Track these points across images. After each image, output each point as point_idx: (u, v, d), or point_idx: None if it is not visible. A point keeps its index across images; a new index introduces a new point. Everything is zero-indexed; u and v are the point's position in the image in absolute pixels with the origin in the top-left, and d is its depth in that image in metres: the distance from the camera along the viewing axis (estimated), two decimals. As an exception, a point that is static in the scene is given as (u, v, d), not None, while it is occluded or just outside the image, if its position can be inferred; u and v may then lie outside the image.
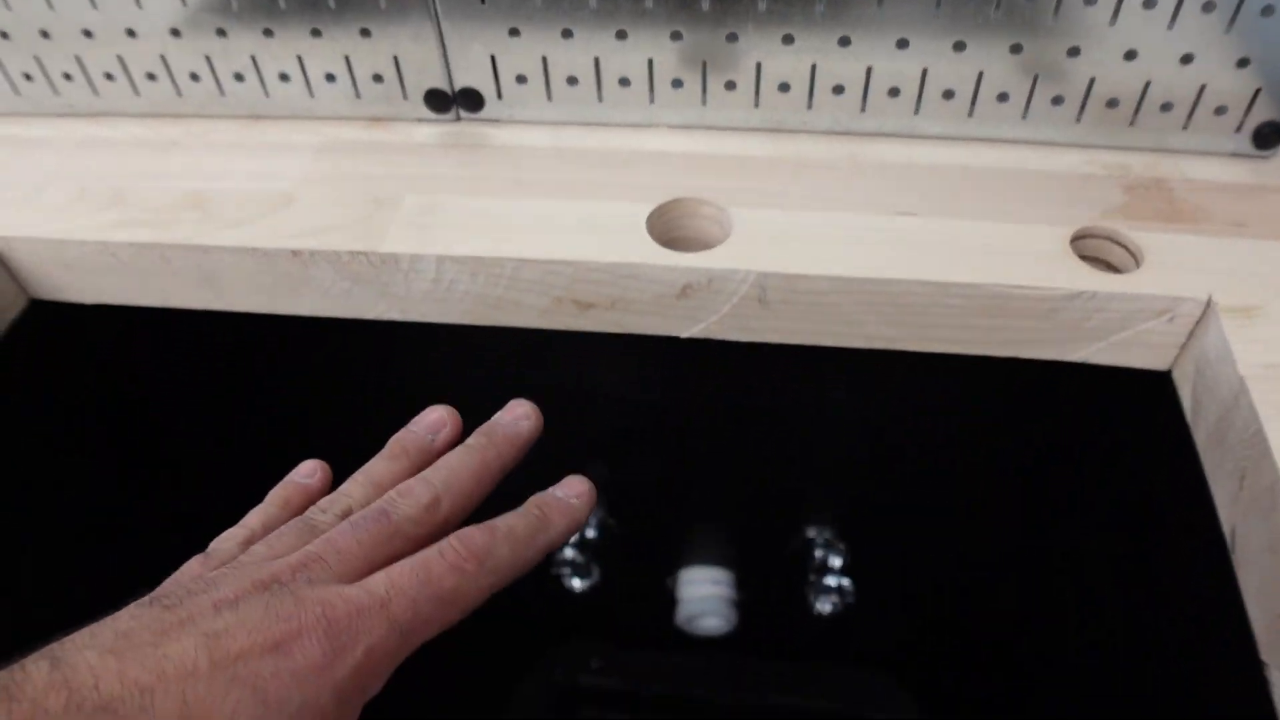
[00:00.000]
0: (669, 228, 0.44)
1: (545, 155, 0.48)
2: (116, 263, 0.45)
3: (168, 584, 0.27)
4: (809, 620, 0.76)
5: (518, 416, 0.36)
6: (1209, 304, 0.40)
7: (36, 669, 0.22)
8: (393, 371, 0.56)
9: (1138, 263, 0.42)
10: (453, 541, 0.28)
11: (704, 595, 0.73)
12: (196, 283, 0.46)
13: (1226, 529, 0.38)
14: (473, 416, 0.60)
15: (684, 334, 0.43)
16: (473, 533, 0.28)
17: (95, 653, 0.23)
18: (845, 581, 0.64)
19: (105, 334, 0.53)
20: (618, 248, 0.41)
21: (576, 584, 0.70)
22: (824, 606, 0.67)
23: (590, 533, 0.68)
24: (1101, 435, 0.53)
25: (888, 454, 0.58)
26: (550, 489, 0.34)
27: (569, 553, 0.66)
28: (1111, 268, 0.42)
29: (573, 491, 0.32)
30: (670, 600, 0.77)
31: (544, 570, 0.69)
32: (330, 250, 0.42)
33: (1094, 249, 0.43)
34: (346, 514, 0.30)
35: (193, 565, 0.30)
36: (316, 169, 0.47)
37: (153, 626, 0.24)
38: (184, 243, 0.44)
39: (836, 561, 0.64)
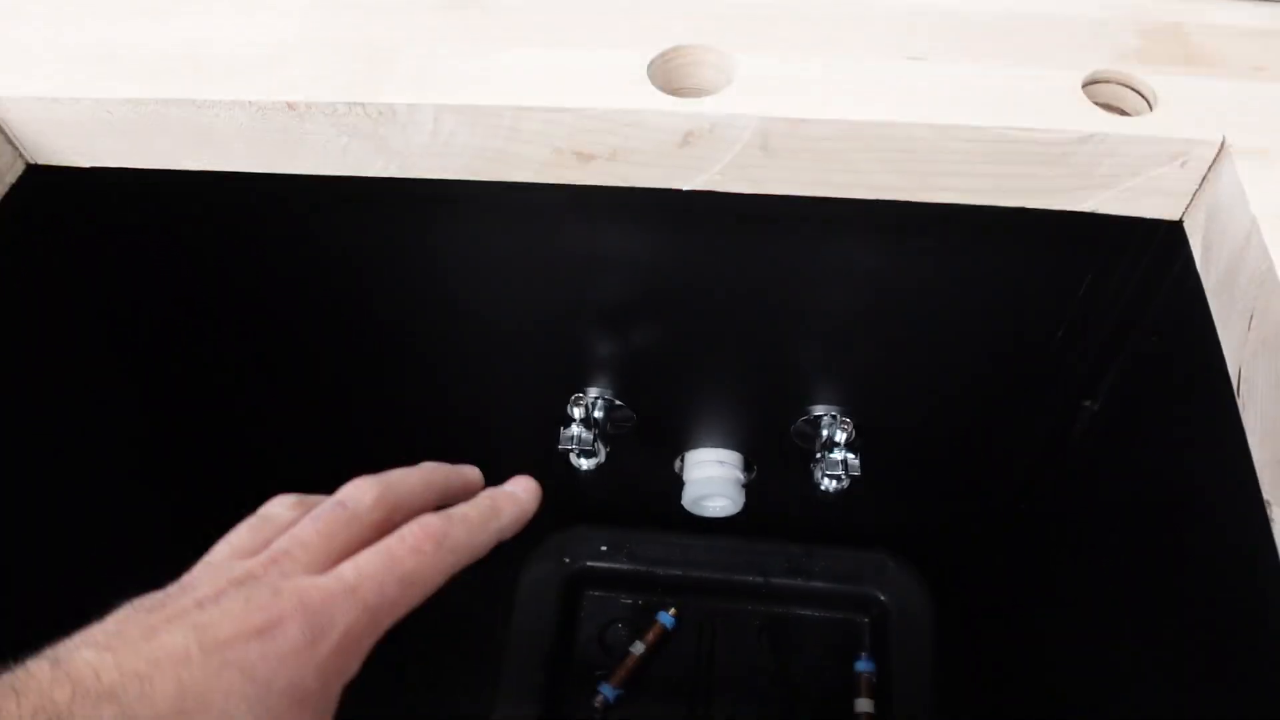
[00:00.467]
0: (671, 76, 0.43)
1: (545, 4, 0.46)
2: (112, 120, 0.45)
3: (144, 597, 0.29)
4: (815, 500, 0.77)
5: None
6: (1223, 146, 0.39)
7: (38, 668, 0.24)
8: (394, 242, 0.56)
9: (1151, 107, 0.41)
10: (411, 527, 0.30)
11: (710, 476, 0.74)
12: (193, 141, 0.45)
13: (1233, 371, 0.38)
14: (473, 291, 0.60)
15: (686, 186, 0.43)
16: (429, 518, 0.31)
17: (92, 650, 0.25)
18: (851, 456, 0.65)
19: (104, 200, 0.52)
20: (619, 95, 0.40)
21: (583, 464, 0.70)
22: (829, 484, 0.68)
23: (597, 414, 0.68)
24: (1110, 292, 0.53)
25: (893, 319, 0.58)
26: (501, 485, 0.37)
27: (575, 430, 0.66)
28: (1125, 114, 0.41)
29: (520, 487, 0.35)
30: (677, 483, 0.77)
31: (552, 450, 0.69)
32: (326, 102, 0.42)
33: (1107, 94, 0.42)
34: (300, 509, 0.32)
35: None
36: (311, 24, 0.46)
37: (141, 625, 0.26)
38: (178, 97, 0.43)
39: (842, 436, 0.65)
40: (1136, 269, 0.51)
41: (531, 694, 0.80)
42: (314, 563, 0.29)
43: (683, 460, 0.77)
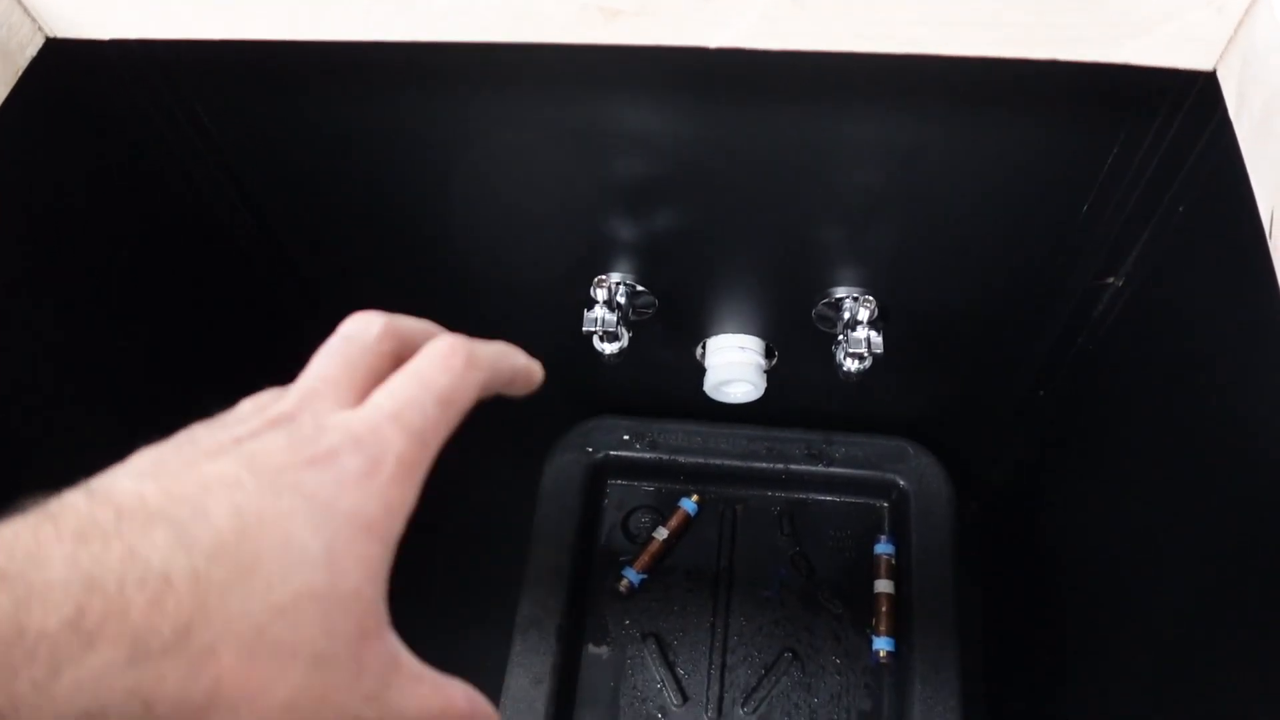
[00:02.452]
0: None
1: None
2: (130, -14, 0.44)
3: (166, 441, 0.26)
4: (835, 387, 0.78)
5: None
6: (1261, -13, 0.38)
7: (73, 497, 0.21)
8: (416, 120, 0.56)
9: (1188, -50, 0.40)
10: (435, 345, 0.28)
11: (732, 361, 0.74)
12: (213, 5, 0.45)
13: (1265, 215, 0.37)
14: (495, 172, 0.60)
15: (713, 43, 0.42)
16: (448, 337, 0.29)
17: (131, 479, 0.23)
18: (874, 334, 0.65)
19: (123, 74, 0.52)
20: (644, -54, 0.40)
21: (607, 349, 0.71)
22: (851, 364, 0.68)
23: (620, 298, 0.68)
24: (1139, 160, 0.52)
25: (918, 194, 0.58)
26: None
27: (599, 312, 0.66)
28: (1160, -42, 0.40)
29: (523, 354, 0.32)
30: (699, 371, 0.78)
31: (576, 335, 0.70)
32: (347, -40, 0.41)
33: (1142, -62, 0.41)
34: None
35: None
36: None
37: (180, 459, 0.24)
38: (197, -42, 0.42)
39: (865, 314, 0.65)
40: (1166, 133, 0.50)
41: (558, 580, 0.81)
42: (344, 398, 0.27)
43: (704, 347, 0.77)
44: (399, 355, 0.29)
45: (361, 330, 0.29)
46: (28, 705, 0.18)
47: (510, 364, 0.30)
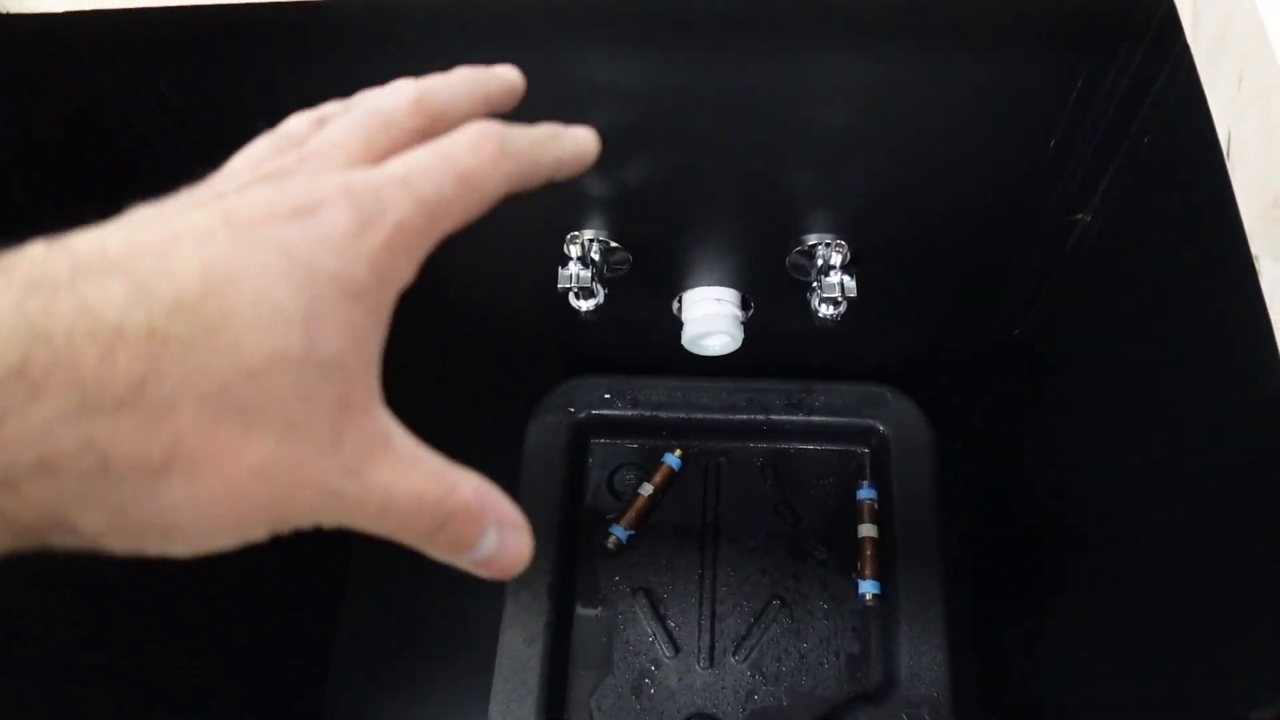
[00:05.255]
0: None
1: None
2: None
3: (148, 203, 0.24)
4: (813, 335, 0.78)
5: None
6: (1214, -92, 0.38)
7: (31, 248, 0.20)
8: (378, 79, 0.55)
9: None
10: (467, 128, 0.26)
11: (709, 314, 0.75)
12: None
13: (1223, 136, 0.38)
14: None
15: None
16: (484, 121, 0.26)
17: (95, 233, 0.21)
18: (847, 279, 0.65)
19: (80, 48, 0.51)
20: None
21: (583, 305, 0.71)
22: (827, 310, 0.69)
23: (594, 255, 0.68)
24: (1103, 96, 0.53)
25: (885, 137, 0.58)
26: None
27: (573, 269, 0.66)
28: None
29: (582, 131, 0.30)
30: (676, 326, 0.78)
31: (552, 295, 0.70)
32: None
33: None
34: (320, 126, 0.27)
35: None
36: None
37: (151, 214, 0.22)
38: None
39: (837, 259, 0.65)
40: (1129, 64, 0.51)
41: (546, 540, 0.82)
42: (353, 161, 0.25)
43: (680, 301, 0.78)
44: (430, 131, 0.26)
45: (390, 103, 0.27)
46: None
47: (553, 153, 0.28)
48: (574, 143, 0.28)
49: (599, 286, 0.69)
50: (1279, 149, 0.34)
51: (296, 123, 0.27)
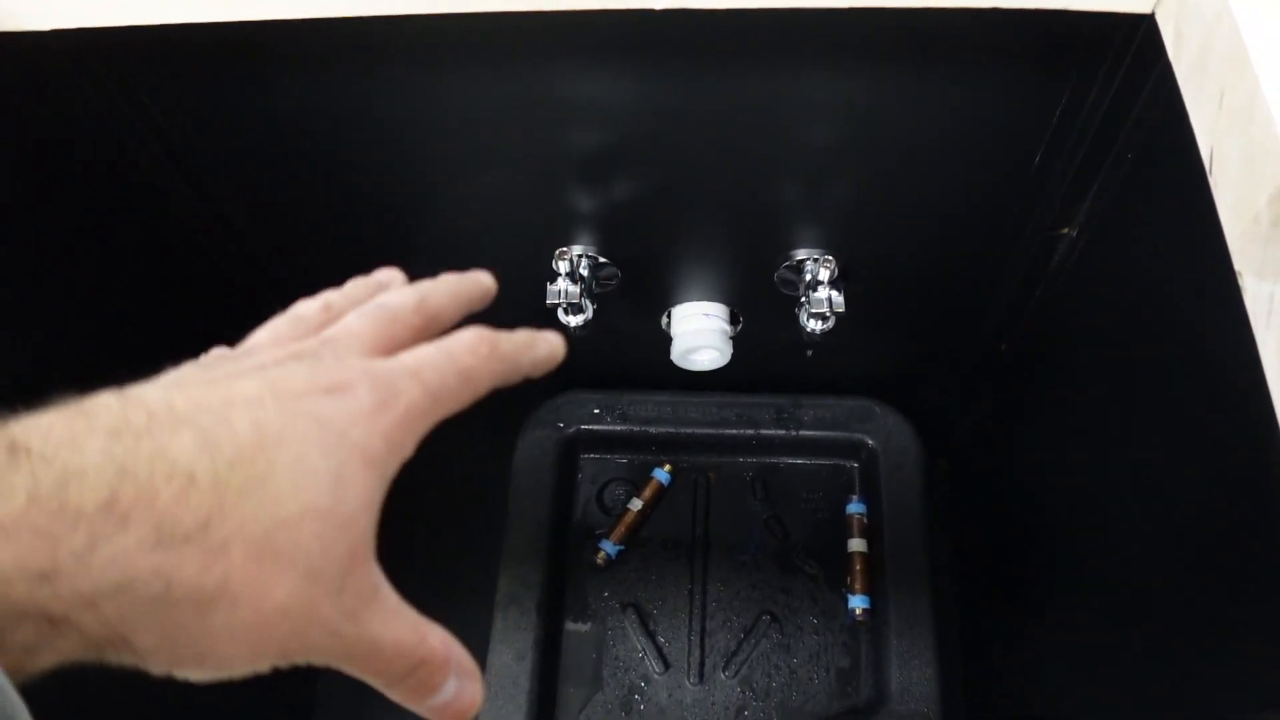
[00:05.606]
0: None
1: None
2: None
3: (191, 363, 0.28)
4: (801, 349, 0.78)
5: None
6: (1194, -72, 0.38)
7: (106, 398, 0.23)
8: (372, 97, 0.55)
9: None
10: (464, 333, 0.30)
11: (698, 329, 0.75)
12: (154, -11, 0.44)
13: (1205, 153, 0.38)
14: (450, 146, 0.60)
15: (658, 5, 0.42)
16: (478, 328, 0.30)
17: (158, 389, 0.24)
18: (835, 294, 0.65)
19: (66, 67, 0.51)
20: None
21: (571, 321, 0.71)
22: (815, 325, 0.69)
23: (583, 271, 0.68)
24: (1086, 109, 0.53)
25: (871, 152, 0.58)
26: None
27: (562, 284, 0.66)
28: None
29: (554, 335, 0.33)
30: (665, 341, 0.78)
31: (540, 310, 0.70)
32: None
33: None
34: (327, 313, 0.31)
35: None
36: None
37: (204, 378, 0.25)
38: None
39: (825, 275, 0.65)
40: (1112, 80, 0.51)
41: (536, 556, 0.82)
42: (367, 350, 0.28)
43: (669, 316, 0.78)
44: (425, 331, 0.31)
45: (397, 302, 0.31)
46: (68, 572, 0.20)
47: (531, 356, 0.31)
48: (548, 346, 0.32)
49: (587, 302, 0.69)
50: (1260, 165, 0.34)
51: (306, 308, 0.32)
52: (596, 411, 0.87)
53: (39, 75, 0.52)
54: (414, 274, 0.34)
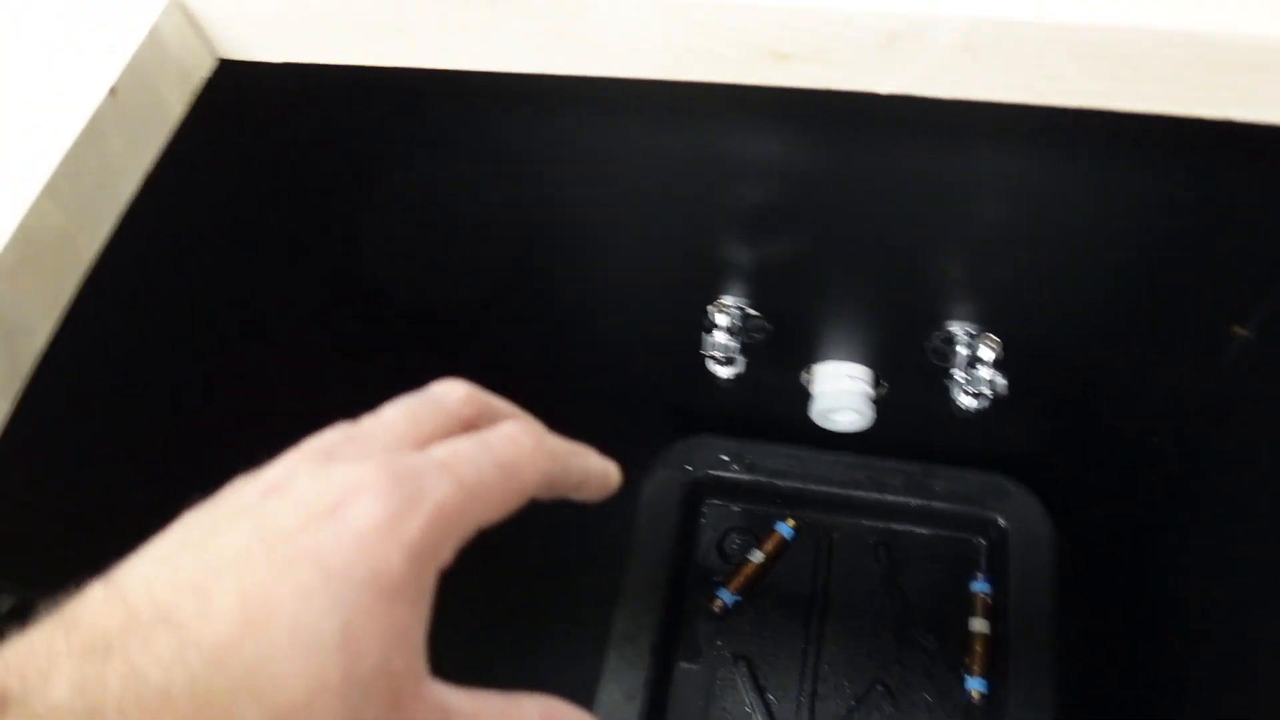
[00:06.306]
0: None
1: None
2: (304, 10, 0.46)
3: (222, 490, 0.26)
4: (938, 420, 0.77)
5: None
6: None
7: (93, 593, 0.21)
8: (565, 145, 0.57)
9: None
10: (507, 423, 0.27)
11: (841, 390, 0.74)
12: (384, 33, 0.46)
13: None
14: (623, 195, 0.61)
15: (883, 89, 0.42)
16: (525, 419, 0.28)
17: (150, 564, 0.22)
18: (998, 377, 0.64)
19: (294, 97, 0.54)
20: (821, -7, 0.40)
21: (722, 372, 0.71)
22: (969, 402, 0.68)
23: (738, 323, 0.69)
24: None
25: (1044, 233, 0.57)
26: None
27: (719, 337, 0.67)
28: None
29: (610, 461, 0.31)
30: (800, 396, 0.78)
31: (685, 357, 0.70)
32: (524, -4, 0.42)
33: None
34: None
35: None
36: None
37: (203, 526, 0.23)
38: (376, -12, 0.44)
39: (989, 355, 0.64)
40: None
41: (653, 597, 0.82)
42: (399, 443, 0.25)
43: (810, 372, 0.78)
44: (475, 426, 0.28)
45: (444, 392, 0.28)
46: None
47: (582, 464, 0.29)
48: (601, 463, 0.30)
49: (740, 355, 0.69)
50: None
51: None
52: (725, 458, 0.87)
53: (267, 106, 0.55)
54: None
